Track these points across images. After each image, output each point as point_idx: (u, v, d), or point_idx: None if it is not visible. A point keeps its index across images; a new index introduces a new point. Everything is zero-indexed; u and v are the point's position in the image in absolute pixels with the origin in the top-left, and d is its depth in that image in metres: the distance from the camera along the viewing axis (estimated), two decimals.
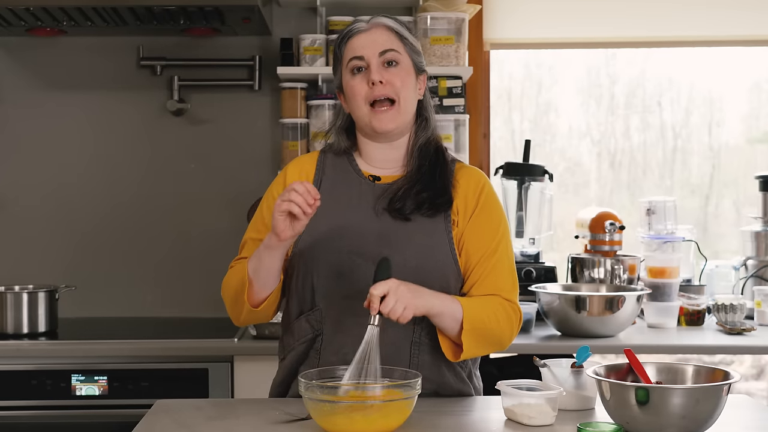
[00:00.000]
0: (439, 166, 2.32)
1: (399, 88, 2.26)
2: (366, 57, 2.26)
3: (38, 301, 3.46)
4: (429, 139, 2.35)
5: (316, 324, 2.28)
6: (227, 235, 3.79)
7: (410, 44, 2.31)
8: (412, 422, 2.04)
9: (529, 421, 2.06)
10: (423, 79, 2.36)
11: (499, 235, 2.30)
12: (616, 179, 4.38)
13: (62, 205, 3.93)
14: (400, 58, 2.28)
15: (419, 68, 2.33)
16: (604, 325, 3.31)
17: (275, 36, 3.87)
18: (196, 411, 2.21)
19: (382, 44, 2.27)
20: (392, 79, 2.26)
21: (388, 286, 2.06)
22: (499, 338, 2.26)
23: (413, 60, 2.31)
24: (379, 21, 2.30)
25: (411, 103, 2.31)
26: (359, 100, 2.28)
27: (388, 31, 2.29)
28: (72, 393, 3.24)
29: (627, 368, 2.08)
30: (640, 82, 4.33)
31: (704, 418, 1.93)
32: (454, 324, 2.18)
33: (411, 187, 2.29)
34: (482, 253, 2.28)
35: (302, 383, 2.00)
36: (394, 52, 2.27)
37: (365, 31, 2.29)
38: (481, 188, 2.33)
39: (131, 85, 3.91)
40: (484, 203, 2.31)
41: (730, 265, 3.93)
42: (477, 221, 2.30)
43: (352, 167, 2.36)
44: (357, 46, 2.28)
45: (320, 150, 2.44)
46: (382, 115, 2.27)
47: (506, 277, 2.29)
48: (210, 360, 3.26)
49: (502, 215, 2.35)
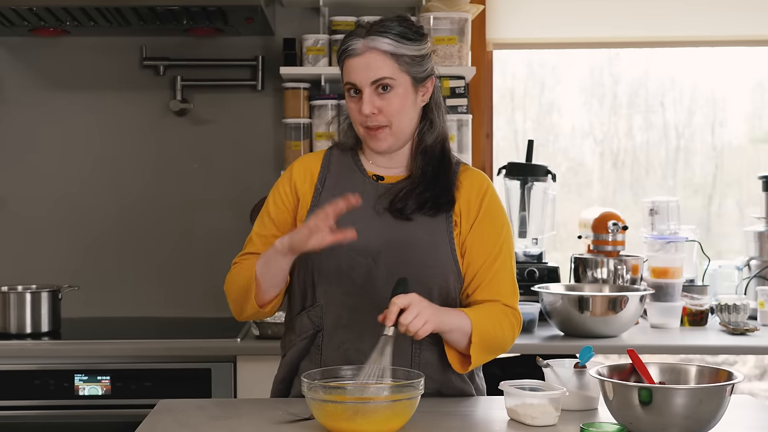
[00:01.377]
0: (443, 168, 2.32)
1: (392, 114, 2.25)
2: (359, 84, 2.24)
3: (41, 301, 3.45)
4: (435, 140, 2.34)
5: (316, 320, 2.29)
6: (230, 235, 3.79)
7: (408, 59, 2.24)
8: (415, 422, 2.04)
9: (532, 422, 2.06)
10: (429, 84, 2.32)
11: (501, 240, 2.31)
12: (619, 179, 4.37)
13: (65, 205, 3.93)
14: (394, 83, 2.23)
15: (421, 79, 2.28)
16: (607, 326, 3.31)
17: (278, 36, 3.87)
18: (199, 411, 2.21)
19: (375, 71, 2.22)
20: (384, 106, 2.24)
21: (410, 299, 2.08)
22: (502, 345, 2.29)
23: (412, 74, 2.26)
24: (373, 44, 2.22)
25: (407, 121, 2.29)
26: (355, 121, 2.30)
27: (382, 54, 2.22)
28: (75, 393, 3.24)
29: (630, 368, 2.08)
30: (643, 81, 4.32)
31: (707, 418, 1.93)
32: (463, 338, 2.20)
33: (413, 189, 2.30)
34: (485, 258, 2.28)
35: (305, 383, 2.00)
36: (386, 79, 2.22)
37: (359, 55, 2.23)
38: (484, 192, 2.33)
39: (134, 85, 3.91)
40: (487, 208, 2.32)
41: (733, 265, 3.93)
42: (480, 227, 2.30)
43: (357, 166, 2.37)
44: (350, 72, 2.25)
45: (327, 148, 2.44)
46: (376, 136, 2.27)
47: (508, 283, 2.31)
48: (213, 360, 3.26)
49: (505, 220, 2.35)
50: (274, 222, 2.35)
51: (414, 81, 2.27)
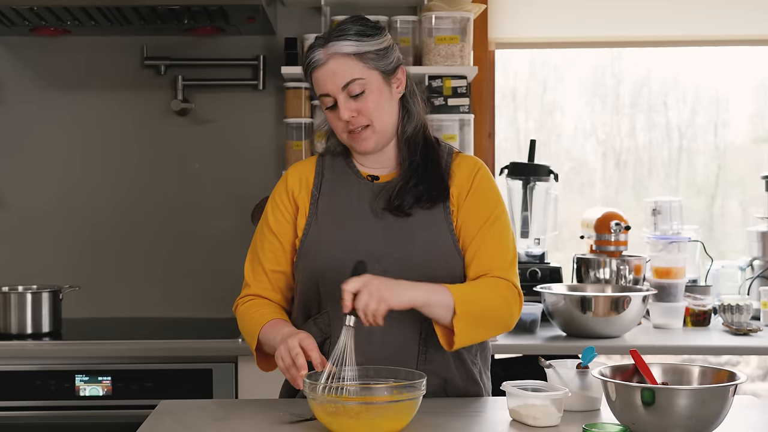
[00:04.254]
0: (430, 156, 2.32)
1: (370, 112, 2.24)
2: (332, 93, 2.23)
3: (42, 302, 3.45)
4: (415, 129, 2.33)
5: (324, 327, 2.28)
6: (232, 235, 3.79)
7: (372, 55, 2.23)
8: (416, 423, 2.03)
9: (534, 422, 2.06)
10: (400, 75, 2.30)
11: (494, 213, 2.28)
12: (621, 179, 4.37)
13: (66, 204, 3.93)
14: (364, 83, 2.22)
15: (389, 71, 2.27)
16: (610, 326, 3.30)
17: (279, 35, 3.86)
18: (200, 411, 2.21)
19: (342, 77, 2.21)
20: (362, 107, 2.24)
21: (360, 282, 2.05)
22: (496, 319, 2.23)
23: (380, 69, 2.25)
24: (333, 50, 2.22)
25: (387, 116, 2.28)
26: (338, 131, 2.29)
27: (344, 57, 2.22)
28: (76, 393, 3.23)
29: (633, 369, 2.08)
30: (645, 81, 4.32)
31: (710, 419, 1.92)
32: (446, 312, 2.14)
33: (406, 183, 2.29)
34: (476, 231, 2.26)
35: (307, 384, 2.00)
36: (355, 81, 2.22)
37: (323, 64, 2.22)
38: (476, 172, 2.32)
39: (135, 85, 3.90)
40: (477, 185, 2.30)
41: (736, 265, 3.92)
42: (470, 201, 2.29)
43: (350, 169, 2.37)
44: (320, 82, 2.24)
45: (318, 154, 2.44)
46: (360, 138, 2.27)
47: (501, 254, 2.26)
48: (214, 360, 3.26)
49: (499, 198, 2.33)
50: (275, 233, 2.35)
51: (383, 75, 2.26)
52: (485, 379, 2.39)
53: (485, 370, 2.40)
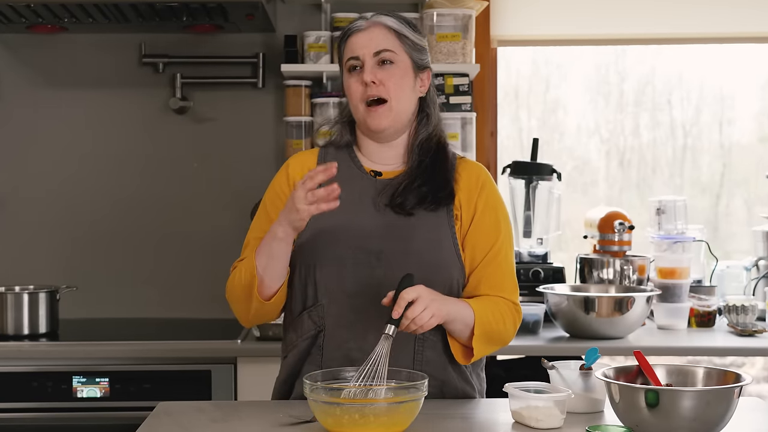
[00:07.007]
0: (440, 161, 2.34)
1: (391, 88, 2.28)
2: (361, 56, 2.28)
3: (39, 302, 3.44)
4: (430, 135, 2.36)
5: (318, 320, 2.28)
6: (230, 234, 3.76)
7: (410, 42, 2.31)
8: (417, 424, 2.03)
9: (536, 424, 2.05)
10: (426, 76, 2.36)
11: (501, 235, 2.33)
12: (625, 178, 4.36)
13: (63, 204, 3.91)
14: (396, 58, 2.28)
15: (420, 66, 2.34)
16: (613, 327, 3.29)
17: (279, 33, 3.85)
18: (198, 413, 2.21)
19: (378, 44, 2.28)
20: (385, 78, 2.27)
21: (418, 293, 2.09)
22: (503, 339, 2.32)
23: (413, 58, 2.31)
24: (377, 20, 2.31)
25: (406, 102, 2.32)
26: (355, 99, 2.31)
27: (386, 30, 2.29)
28: (73, 395, 3.22)
29: (636, 370, 2.08)
30: (649, 79, 4.32)
31: (715, 420, 1.92)
32: (465, 329, 2.23)
33: (412, 182, 2.31)
34: (486, 253, 2.30)
35: (307, 385, 2.00)
36: (389, 52, 2.28)
37: (363, 30, 2.30)
38: (482, 185, 2.35)
39: (133, 83, 3.89)
40: (486, 202, 2.33)
41: (741, 265, 3.93)
42: (480, 222, 2.32)
43: (354, 162, 2.37)
44: (354, 46, 2.30)
45: (321, 146, 2.45)
46: (376, 114, 2.29)
47: (509, 278, 2.34)
48: (213, 361, 3.25)
49: (504, 213, 2.37)
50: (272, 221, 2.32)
51: (414, 65, 2.32)
52: (475, 379, 2.39)
53: (479, 371, 2.42)
